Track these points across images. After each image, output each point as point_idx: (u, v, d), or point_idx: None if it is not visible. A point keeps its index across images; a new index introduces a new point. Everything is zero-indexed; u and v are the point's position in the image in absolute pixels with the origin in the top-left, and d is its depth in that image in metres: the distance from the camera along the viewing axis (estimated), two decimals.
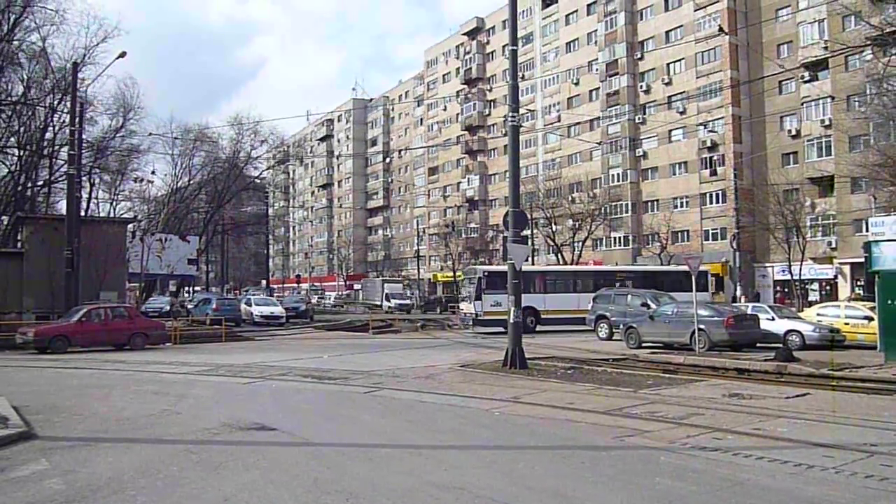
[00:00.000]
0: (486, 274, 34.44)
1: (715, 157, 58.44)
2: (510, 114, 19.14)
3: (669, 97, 61.83)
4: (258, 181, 70.24)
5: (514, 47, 19.27)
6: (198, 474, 7.76)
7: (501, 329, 29.87)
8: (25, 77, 44.00)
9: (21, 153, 44.33)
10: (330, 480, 7.46)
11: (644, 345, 24.14)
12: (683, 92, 60.46)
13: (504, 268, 22.16)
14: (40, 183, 47.04)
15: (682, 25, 61.32)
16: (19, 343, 24.85)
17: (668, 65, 62.74)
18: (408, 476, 7.72)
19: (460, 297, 38.74)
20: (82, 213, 38.00)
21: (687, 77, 60.60)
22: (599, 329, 29.47)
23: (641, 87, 64.98)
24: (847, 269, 49.21)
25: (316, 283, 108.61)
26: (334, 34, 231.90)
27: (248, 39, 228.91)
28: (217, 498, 6.88)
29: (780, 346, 21.75)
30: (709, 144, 58.58)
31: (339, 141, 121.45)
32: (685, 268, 25.05)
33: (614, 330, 28.16)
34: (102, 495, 6.92)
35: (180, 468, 8.01)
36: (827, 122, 50.75)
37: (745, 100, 57.24)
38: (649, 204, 64.38)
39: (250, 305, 43.32)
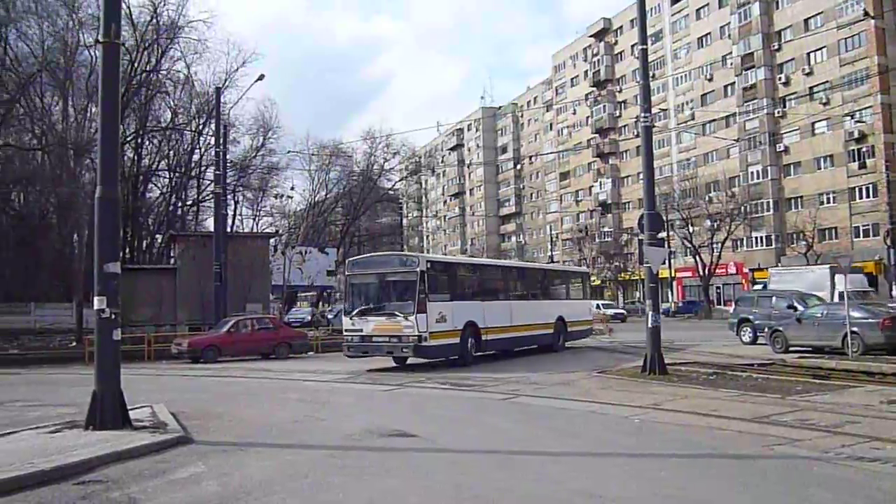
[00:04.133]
0: (430, 266, 20.64)
1: (864, 149, 55.21)
2: (642, 114, 18.77)
3: (811, 88, 58.96)
4: (392, 192, 71.97)
5: (644, 46, 18.87)
6: (342, 479, 7.98)
7: (451, 357, 21.09)
8: (173, 104, 46.95)
9: (171, 175, 47.25)
10: (470, 487, 7.51)
11: (791, 349, 23.07)
12: (826, 82, 57.48)
13: (452, 259, 16.06)
14: (189, 202, 49.96)
15: (822, 12, 58.32)
16: (174, 353, 26.40)
17: (808, 54, 59.79)
18: (547, 483, 7.68)
19: (342, 306, 24.74)
20: (228, 230, 39.91)
21: (830, 66, 57.54)
22: (742, 333, 28.34)
23: (780, 78, 62.23)
24: None
25: None
26: (458, 45, 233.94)
27: (373, 56, 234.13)
28: (361, 502, 7.06)
29: None
30: (856, 136, 55.35)
31: (469, 150, 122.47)
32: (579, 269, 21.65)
33: (758, 334, 27.05)
34: (254, 497, 7.23)
35: (325, 472, 8.27)
36: None
37: (895, 86, 53.78)
38: (792, 201, 61.47)
39: None
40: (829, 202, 57.85)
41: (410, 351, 19.86)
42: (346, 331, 21.13)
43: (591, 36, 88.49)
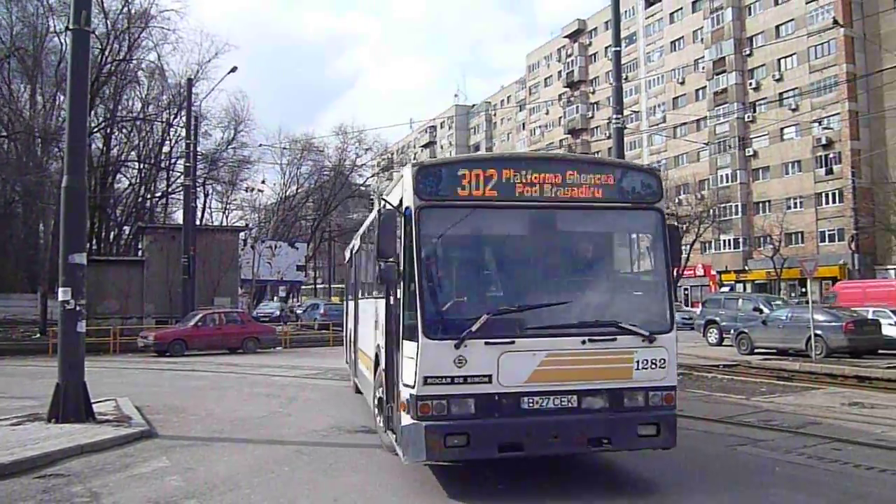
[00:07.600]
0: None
1: (831, 155, 55.98)
2: (614, 116, 18.84)
3: (781, 94, 59.56)
4: (364, 188, 71.55)
5: (618, 48, 18.95)
6: (308, 475, 7.97)
7: None
8: (144, 94, 46.40)
9: (140, 166, 46.68)
10: (434, 481, 7.54)
11: (756, 351, 23.37)
12: (796, 88, 58.12)
13: None
14: (158, 194, 49.36)
15: (793, 19, 59.06)
16: (140, 346, 26.15)
17: (778, 60, 60.50)
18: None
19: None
20: (197, 223, 39.53)
21: (799, 72, 58.27)
22: (709, 334, 28.65)
23: (751, 84, 62.92)
24: None
25: None
26: (430, 42, 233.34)
27: (344, 51, 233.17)
28: (327, 498, 7.06)
29: None
30: (824, 142, 56.10)
31: (441, 147, 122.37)
32: None
33: (724, 335, 27.35)
34: (219, 492, 7.19)
35: (292, 468, 8.25)
36: None
37: (862, 94, 54.52)
38: (760, 205, 62.17)
39: None
40: (796, 207, 58.53)
41: (650, 436, 7.15)
42: (430, 380, 6.58)
43: (565, 37, 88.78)
